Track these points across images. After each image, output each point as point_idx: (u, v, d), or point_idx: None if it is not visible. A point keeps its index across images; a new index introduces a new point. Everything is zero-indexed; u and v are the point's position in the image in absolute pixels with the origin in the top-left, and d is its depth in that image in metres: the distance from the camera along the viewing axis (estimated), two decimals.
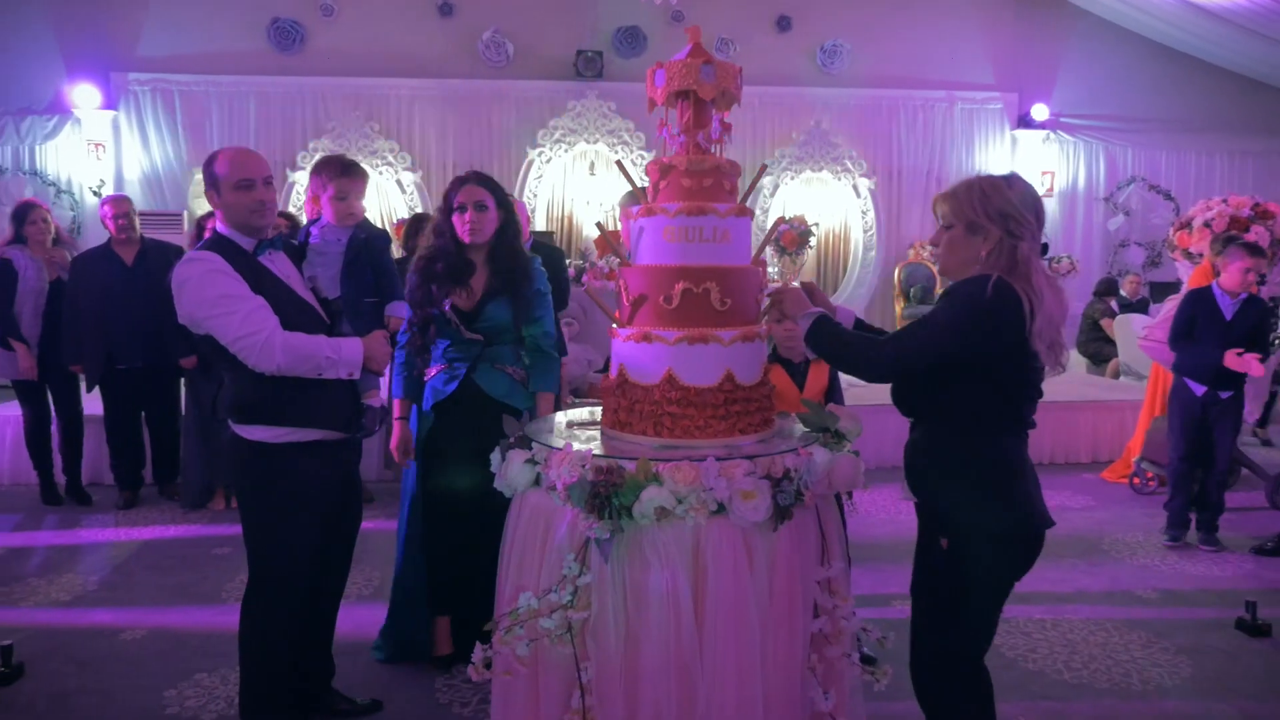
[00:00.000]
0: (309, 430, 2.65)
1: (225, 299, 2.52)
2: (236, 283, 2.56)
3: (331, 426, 2.70)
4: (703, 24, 9.71)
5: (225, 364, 2.62)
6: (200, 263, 2.56)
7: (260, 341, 2.50)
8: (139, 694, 3.21)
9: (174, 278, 2.58)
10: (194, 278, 2.54)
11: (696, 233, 2.18)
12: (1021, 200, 2.06)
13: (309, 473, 2.67)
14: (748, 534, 2.03)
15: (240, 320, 2.50)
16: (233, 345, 2.52)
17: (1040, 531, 2.16)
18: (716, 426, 2.19)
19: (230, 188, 2.61)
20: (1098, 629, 3.78)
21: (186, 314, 2.57)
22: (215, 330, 2.53)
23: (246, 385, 2.60)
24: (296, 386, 2.60)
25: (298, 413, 2.63)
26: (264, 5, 9.50)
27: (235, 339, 2.50)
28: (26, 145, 9.33)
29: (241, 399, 2.62)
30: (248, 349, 2.51)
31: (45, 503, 5.50)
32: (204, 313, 2.53)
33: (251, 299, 2.56)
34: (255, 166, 2.66)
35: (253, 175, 2.64)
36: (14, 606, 3.99)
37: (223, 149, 2.72)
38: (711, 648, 2.00)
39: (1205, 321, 4.62)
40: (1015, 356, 2.04)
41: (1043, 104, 10.38)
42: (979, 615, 2.18)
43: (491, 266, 3.16)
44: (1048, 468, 6.52)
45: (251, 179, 2.63)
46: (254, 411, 2.62)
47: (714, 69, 2.18)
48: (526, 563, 2.18)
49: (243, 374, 2.58)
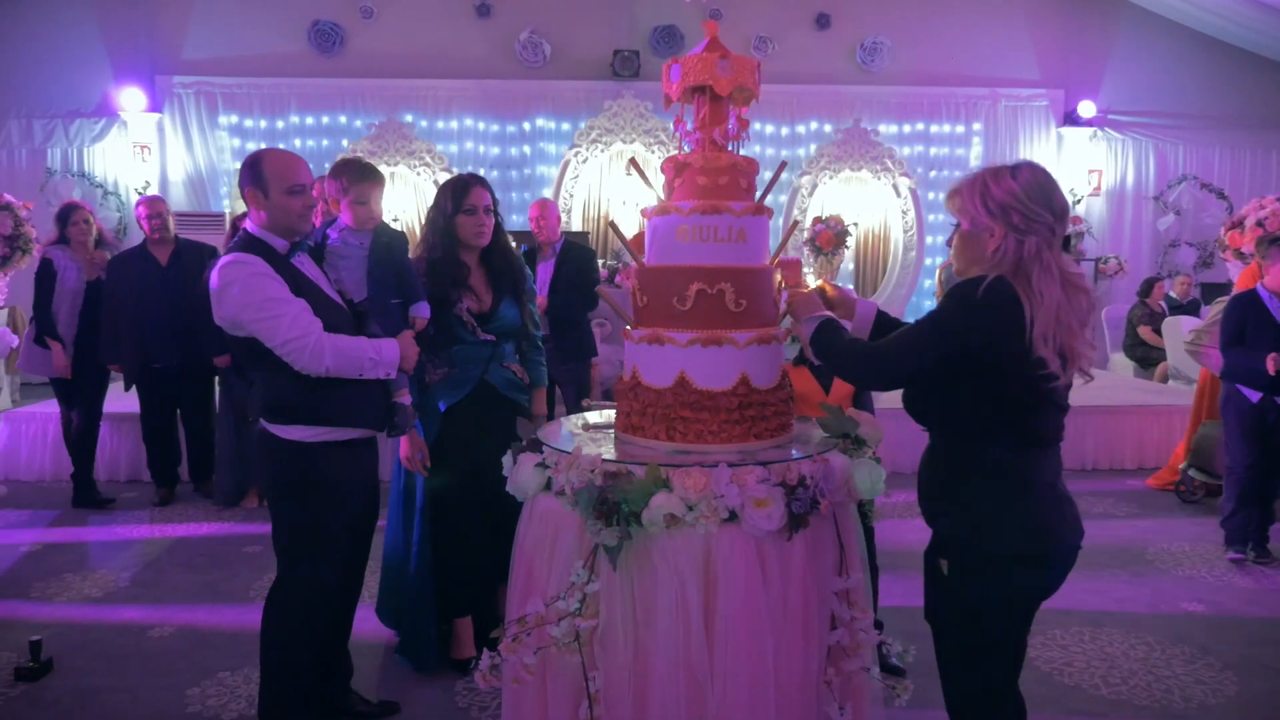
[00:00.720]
0: (345, 430, 2.68)
1: (272, 302, 2.51)
2: (280, 286, 2.56)
3: (368, 425, 2.75)
4: (741, 22, 9.70)
5: (262, 365, 2.61)
6: (245, 265, 2.53)
7: (310, 345, 2.52)
8: (163, 692, 3.23)
9: (216, 279, 2.53)
10: (240, 280, 2.50)
11: (711, 232, 2.11)
12: (1028, 191, 1.90)
13: (342, 472, 2.70)
14: (761, 543, 1.96)
15: (289, 323, 2.50)
16: (282, 348, 2.52)
17: (1053, 552, 1.97)
18: (730, 431, 2.12)
19: (282, 191, 2.62)
20: (1139, 643, 3.64)
21: (230, 316, 2.53)
22: (263, 333, 2.52)
23: (285, 386, 2.60)
24: (333, 386, 2.62)
25: (335, 412, 2.65)
26: (305, 8, 9.60)
27: (284, 342, 2.50)
28: (75, 147, 9.53)
29: (280, 399, 2.62)
30: (297, 352, 2.52)
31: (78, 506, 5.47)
32: (251, 315, 2.50)
33: (295, 302, 2.56)
34: (305, 172, 2.69)
35: (305, 180, 2.66)
36: (48, 602, 4.04)
37: (267, 150, 2.70)
38: (722, 660, 1.94)
39: (1256, 326, 4.43)
40: (1014, 363, 1.87)
41: (1090, 100, 10.12)
42: (993, 641, 2.02)
43: (488, 268, 3.21)
44: (1090, 474, 6.34)
45: (304, 184, 2.66)
46: (291, 412, 2.62)
47: (730, 64, 2.11)
48: (536, 568, 2.14)
49: (279, 375, 2.59)
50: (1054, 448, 2.03)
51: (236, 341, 2.62)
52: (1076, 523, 2.04)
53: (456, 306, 3.12)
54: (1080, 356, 1.93)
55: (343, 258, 3.21)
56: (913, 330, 1.98)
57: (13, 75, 9.35)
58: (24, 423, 6.08)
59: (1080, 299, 1.93)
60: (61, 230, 5.37)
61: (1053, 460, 2.03)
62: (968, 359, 1.90)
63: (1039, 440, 1.98)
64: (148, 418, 5.55)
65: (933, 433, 2.06)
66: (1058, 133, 10.28)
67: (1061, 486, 2.03)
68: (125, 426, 6.00)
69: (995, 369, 1.90)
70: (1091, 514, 5.37)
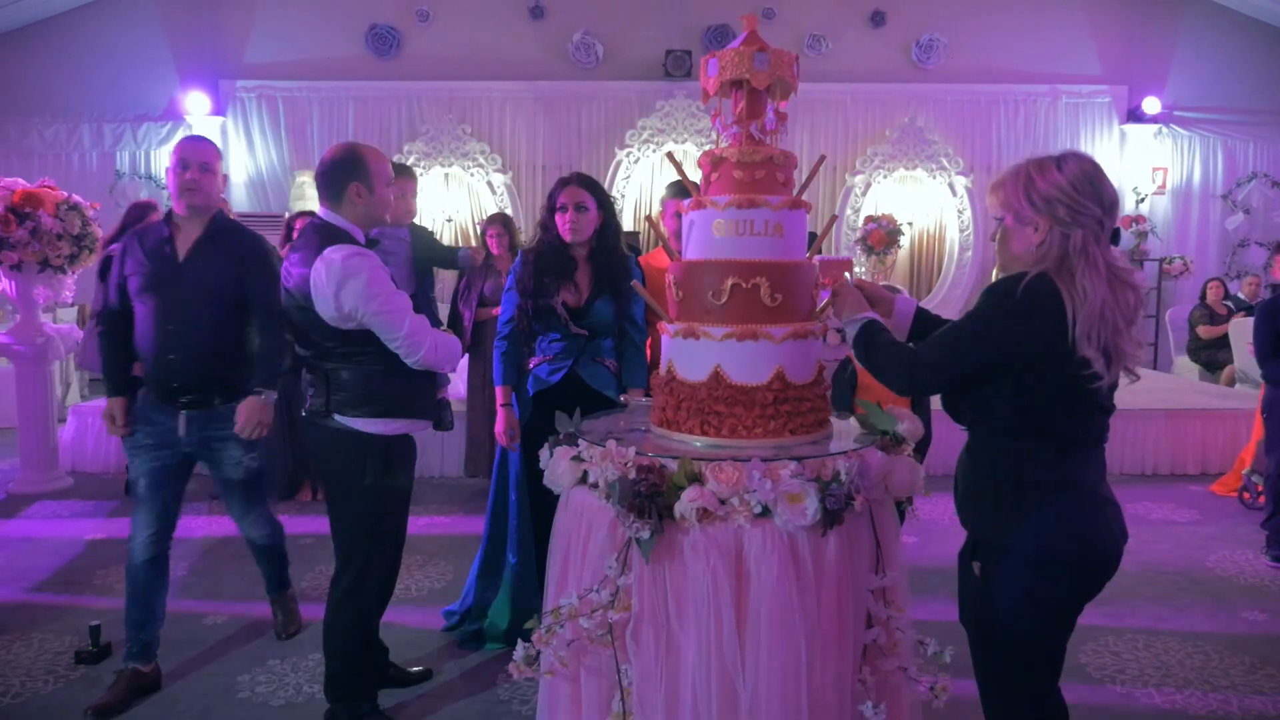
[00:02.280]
0: (414, 422, 2.79)
1: (394, 295, 2.60)
2: (391, 279, 2.64)
3: (428, 417, 2.86)
4: (794, 21, 9.64)
5: (349, 359, 2.66)
6: (368, 258, 2.59)
7: (425, 338, 2.62)
8: (215, 677, 3.31)
9: (338, 269, 2.53)
10: (365, 272, 2.54)
11: (747, 226, 2.10)
12: (1074, 183, 1.83)
13: (408, 463, 2.84)
14: (794, 538, 1.94)
15: (409, 316, 2.60)
16: (404, 339, 2.59)
17: (1090, 557, 1.91)
18: (766, 426, 2.11)
19: (384, 184, 2.72)
20: (1196, 651, 3.53)
21: (350, 307, 2.54)
22: (385, 324, 2.58)
23: (372, 380, 2.67)
24: (410, 381, 2.72)
25: (411, 406, 2.77)
26: (363, 13, 9.79)
27: (408, 334, 2.58)
28: (143, 150, 9.85)
29: (366, 393, 2.68)
30: (417, 344, 2.60)
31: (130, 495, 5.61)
32: (375, 307, 2.54)
33: (405, 296, 2.65)
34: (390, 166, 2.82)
35: (392, 174, 2.79)
36: (108, 590, 4.17)
37: (363, 145, 2.76)
38: (753, 655, 1.93)
39: None
40: (1055, 363, 1.82)
41: (1154, 97, 9.85)
42: (1028, 646, 1.95)
43: (593, 265, 3.29)
44: (1151, 479, 6.17)
45: (393, 178, 2.78)
46: (376, 404, 2.69)
47: (768, 57, 2.10)
48: (571, 561, 2.15)
49: (367, 369, 2.66)
50: (1097, 450, 1.96)
51: (328, 334, 2.63)
52: (1119, 527, 1.97)
53: (553, 298, 3.20)
54: (1126, 356, 1.86)
55: (390, 253, 3.32)
56: (951, 334, 1.93)
57: (85, 81, 9.71)
58: (90, 416, 6.29)
59: (1127, 295, 1.86)
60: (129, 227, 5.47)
61: (1095, 462, 1.96)
62: (1008, 359, 1.85)
63: (1080, 442, 1.91)
64: None
65: (970, 432, 2.01)
66: (1120, 130, 10.03)
67: (1104, 490, 1.97)
68: None
69: (1035, 369, 1.84)
70: (1151, 520, 5.22)
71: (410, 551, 4.48)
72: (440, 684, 3.26)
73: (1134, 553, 4.62)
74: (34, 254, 5.47)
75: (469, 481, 5.86)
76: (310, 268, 2.58)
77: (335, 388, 2.70)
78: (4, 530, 5.05)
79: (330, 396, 2.70)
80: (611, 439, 2.08)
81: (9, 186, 5.48)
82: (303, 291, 2.62)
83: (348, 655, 2.83)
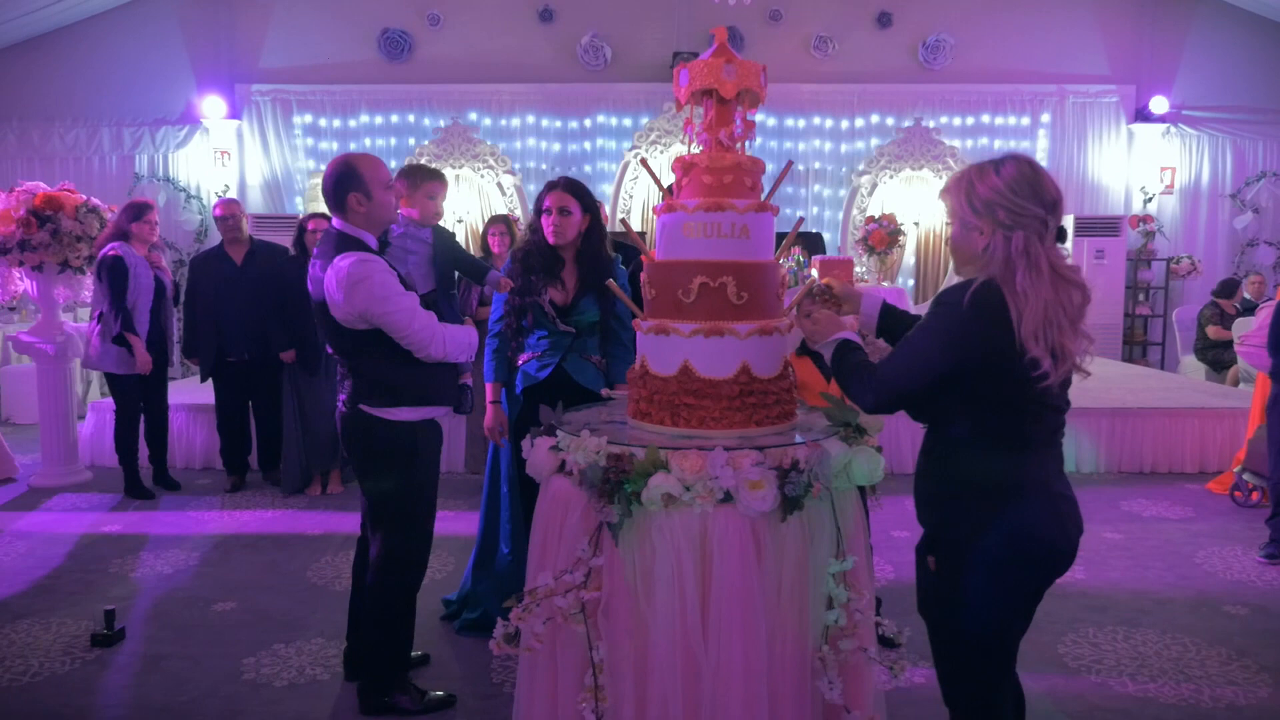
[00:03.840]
0: (437, 408, 2.97)
1: (401, 295, 2.77)
2: (399, 281, 2.81)
3: (450, 403, 3.05)
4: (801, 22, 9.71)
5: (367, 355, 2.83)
6: (372, 263, 2.75)
7: (437, 335, 2.80)
8: (222, 660, 3.46)
9: (345, 276, 2.69)
10: (373, 276, 2.71)
11: (715, 228, 2.22)
12: (1012, 186, 1.87)
13: (434, 446, 3.02)
14: (756, 524, 2.06)
15: (419, 316, 2.77)
16: (414, 336, 2.77)
17: (1041, 553, 1.96)
18: (732, 418, 2.22)
19: (382, 188, 2.86)
20: (1174, 643, 3.61)
21: (360, 310, 2.72)
22: (396, 324, 2.75)
23: (392, 372, 2.85)
24: (429, 370, 2.90)
25: (433, 393, 2.94)
26: (375, 17, 9.96)
27: (416, 332, 2.76)
28: (161, 153, 10.06)
29: (387, 384, 2.86)
30: (424, 341, 2.78)
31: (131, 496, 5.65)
32: (385, 308, 2.72)
33: (411, 294, 2.82)
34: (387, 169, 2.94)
35: (390, 177, 2.92)
36: (125, 577, 4.34)
37: (355, 155, 2.92)
38: (716, 633, 2.04)
39: None
40: (1006, 365, 1.86)
41: (1163, 96, 9.87)
42: (982, 636, 2.02)
43: (580, 265, 3.43)
44: (1149, 477, 6.22)
45: (391, 180, 2.92)
46: (399, 394, 2.87)
47: (735, 68, 2.22)
48: (549, 544, 2.27)
49: (386, 362, 2.83)
50: (1050, 447, 2.02)
51: (345, 334, 2.81)
52: (1074, 522, 2.02)
53: (540, 296, 3.35)
54: (1071, 353, 1.92)
55: (410, 252, 3.52)
56: (905, 351, 1.98)
57: (105, 86, 9.92)
58: (108, 412, 6.46)
59: (1071, 294, 1.91)
60: (128, 225, 5.48)
61: (1049, 460, 2.01)
62: (963, 370, 1.91)
63: (1031, 443, 1.97)
64: (221, 409, 5.88)
65: (927, 434, 2.09)
66: (1128, 130, 10.05)
67: (1059, 485, 2.02)
68: (202, 417, 6.36)
69: (988, 373, 1.90)
70: (1144, 517, 5.29)
71: None
72: (437, 667, 3.40)
73: (1123, 549, 4.74)
74: (54, 255, 5.66)
75: (472, 477, 6.00)
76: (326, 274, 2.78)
77: (359, 380, 2.89)
78: (26, 521, 5.23)
79: (356, 389, 2.90)
80: (587, 429, 2.20)
81: (31, 190, 5.67)
82: (321, 297, 2.83)
83: (392, 631, 3.00)
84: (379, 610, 2.99)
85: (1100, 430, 6.33)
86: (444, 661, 3.45)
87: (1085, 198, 10.12)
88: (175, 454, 6.36)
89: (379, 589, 2.98)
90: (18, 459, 6.46)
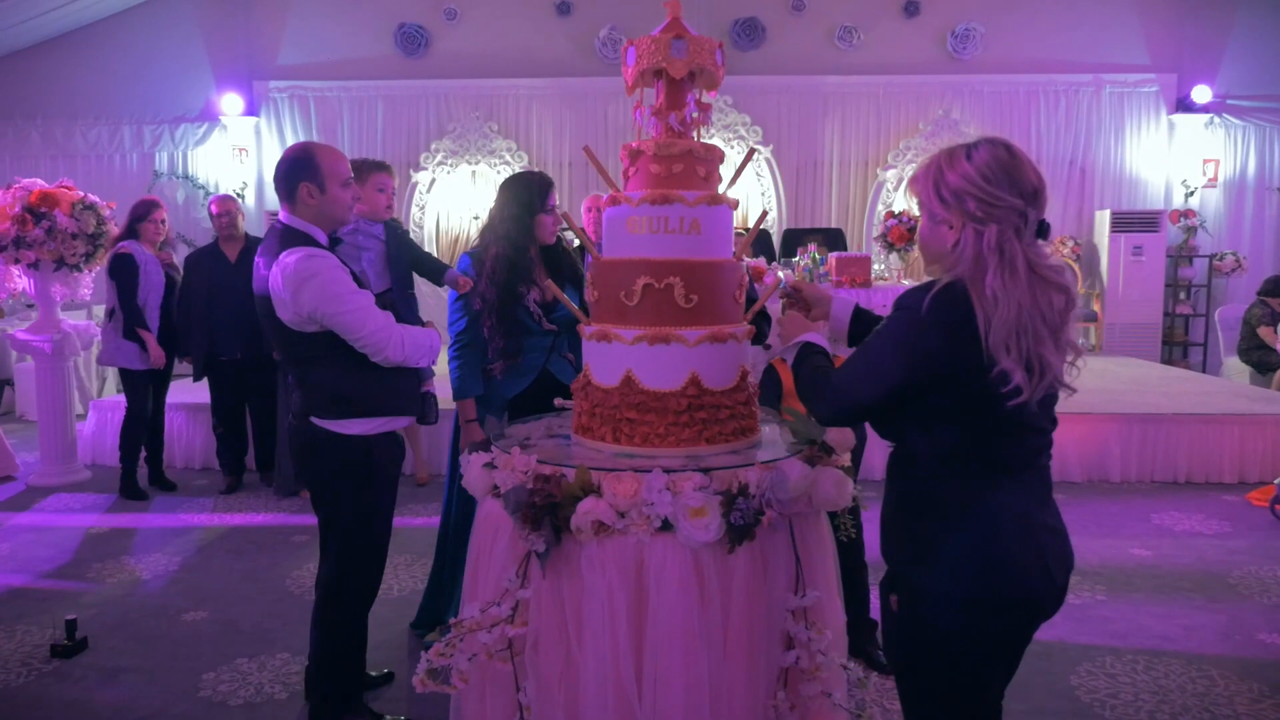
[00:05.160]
0: (394, 419, 2.75)
1: (354, 294, 2.55)
2: (351, 278, 2.60)
3: (410, 414, 2.83)
4: (825, 12, 9.41)
5: (318, 362, 2.62)
6: (321, 258, 2.54)
7: (393, 336, 2.57)
8: (181, 675, 3.32)
9: (292, 273, 2.49)
10: (322, 273, 2.50)
11: (661, 223, 1.99)
12: (984, 173, 1.64)
13: (392, 461, 2.80)
14: (698, 555, 1.83)
15: (372, 316, 2.55)
16: (369, 338, 2.55)
17: (1014, 595, 1.70)
18: (679, 434, 2.00)
19: (338, 184, 2.65)
20: (1200, 676, 3.31)
21: (308, 310, 2.51)
22: (345, 325, 2.53)
23: (345, 380, 2.62)
24: (385, 379, 2.67)
25: (389, 403, 2.71)
26: (391, 12, 9.83)
27: (372, 332, 2.54)
28: (180, 151, 10.03)
29: (340, 394, 2.63)
30: (383, 343, 2.56)
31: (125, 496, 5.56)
32: (334, 308, 2.50)
33: (365, 294, 2.61)
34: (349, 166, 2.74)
35: (350, 174, 2.70)
36: (100, 582, 4.23)
37: (315, 144, 2.71)
38: (652, 677, 1.82)
39: None
40: (970, 379, 1.63)
41: (1205, 85, 9.39)
42: (950, 687, 1.77)
43: (546, 260, 3.25)
44: (1183, 487, 5.87)
45: (350, 177, 2.70)
46: (352, 405, 2.65)
47: (686, 44, 1.99)
48: (480, 571, 2.07)
49: (338, 370, 2.61)
50: (1029, 473, 1.75)
51: (300, 335, 2.59)
52: (1058, 560, 1.75)
53: (525, 299, 3.15)
54: (1053, 366, 1.65)
55: (363, 249, 3.29)
56: (859, 359, 1.74)
57: (125, 84, 9.92)
58: (109, 411, 6.41)
59: (1053, 298, 1.64)
60: (133, 225, 5.51)
61: (1026, 488, 1.74)
62: (922, 381, 1.67)
63: (1005, 468, 1.71)
64: (216, 408, 5.77)
65: (892, 450, 1.83)
66: (1169, 120, 9.60)
67: (1044, 516, 1.75)
68: (201, 417, 6.25)
69: (950, 388, 1.66)
70: (1176, 531, 4.96)
71: (400, 550, 4.48)
72: (401, 688, 3.22)
73: (1150, 566, 4.42)
74: (50, 253, 5.58)
75: None
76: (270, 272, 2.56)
77: (308, 390, 2.67)
78: (15, 521, 5.17)
79: (305, 399, 2.68)
80: (518, 446, 1.99)
81: (27, 187, 5.60)
82: (264, 295, 2.60)
83: (340, 650, 2.82)
84: (326, 632, 2.81)
85: (1132, 436, 5.99)
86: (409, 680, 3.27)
87: (1123, 192, 9.70)
88: (175, 454, 6.28)
89: (327, 610, 2.80)
90: (26, 457, 6.42)
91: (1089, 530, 4.95)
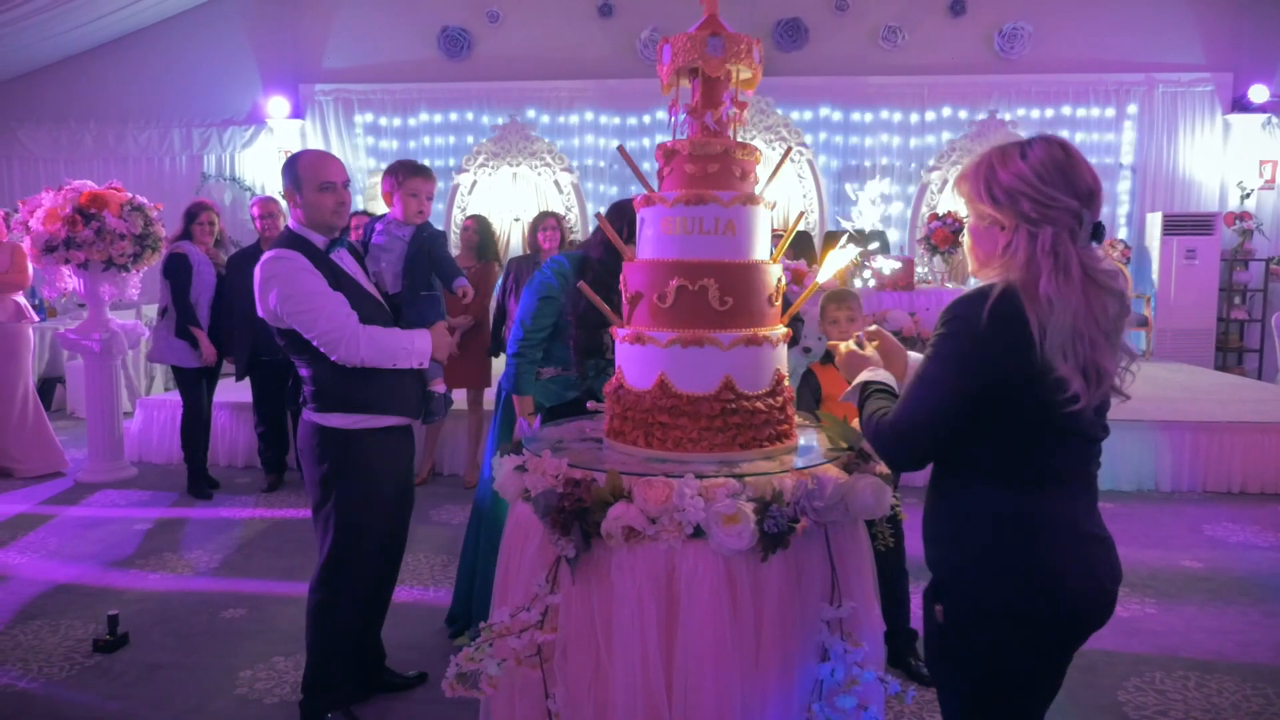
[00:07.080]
0: (382, 417, 2.80)
1: (311, 295, 2.64)
2: (319, 280, 2.68)
3: (403, 413, 2.87)
4: (869, 11, 9.30)
5: (304, 356, 2.74)
6: (285, 261, 2.66)
7: (346, 336, 2.64)
8: (218, 673, 3.34)
9: (259, 274, 2.67)
10: (281, 275, 2.64)
11: (696, 224, 1.96)
12: (1039, 172, 1.57)
13: (378, 459, 2.82)
14: (730, 563, 1.79)
15: (327, 316, 2.63)
16: (320, 338, 2.64)
17: (1063, 610, 1.65)
18: (712, 439, 1.96)
19: (314, 189, 2.74)
20: (1256, 694, 3.19)
21: (270, 309, 2.67)
22: (301, 325, 2.65)
23: (326, 375, 2.73)
24: (371, 376, 2.74)
25: (373, 400, 2.77)
26: (435, 15, 9.91)
27: (322, 333, 2.62)
28: (228, 153, 10.20)
29: (322, 388, 2.75)
30: (334, 343, 2.64)
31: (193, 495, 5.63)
32: (290, 308, 2.63)
33: (333, 295, 2.68)
34: (336, 170, 2.81)
35: (334, 178, 2.78)
36: (143, 578, 4.29)
37: (303, 150, 2.86)
38: (683, 687, 1.79)
39: None
40: (1027, 388, 1.57)
41: (1262, 85, 9.11)
42: (992, 700, 1.72)
43: None
44: (1238, 497, 5.69)
45: (333, 182, 2.77)
46: (332, 400, 2.75)
47: (722, 42, 1.95)
48: (511, 575, 2.05)
49: (321, 365, 2.72)
50: (1078, 481, 1.70)
51: (284, 334, 2.73)
52: (1107, 569, 1.70)
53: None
54: (1109, 373, 1.60)
55: (386, 251, 3.28)
56: (918, 386, 1.65)
57: (175, 88, 10.11)
58: (155, 409, 6.53)
59: (1106, 303, 1.58)
60: (187, 226, 5.69)
61: (1075, 497, 1.69)
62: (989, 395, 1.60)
63: (1056, 477, 1.65)
64: (258, 407, 5.84)
65: (934, 463, 1.77)
66: (1224, 120, 9.34)
67: (1090, 525, 1.70)
68: (244, 415, 6.34)
69: (1005, 397, 1.60)
70: (1229, 543, 4.80)
71: (437, 552, 4.49)
72: (434, 687, 3.21)
73: (1203, 579, 4.29)
74: (99, 253, 5.69)
75: None
76: None
77: (302, 382, 2.81)
78: (65, 516, 5.26)
79: (300, 391, 2.83)
80: (549, 449, 1.97)
81: (77, 189, 5.72)
82: None
83: (324, 644, 2.85)
84: (311, 620, 2.85)
85: (1184, 445, 5.82)
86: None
87: (1176, 194, 9.44)
88: (218, 452, 6.37)
89: (310, 597, 2.85)
90: (75, 453, 6.56)
91: (1138, 541, 4.81)
